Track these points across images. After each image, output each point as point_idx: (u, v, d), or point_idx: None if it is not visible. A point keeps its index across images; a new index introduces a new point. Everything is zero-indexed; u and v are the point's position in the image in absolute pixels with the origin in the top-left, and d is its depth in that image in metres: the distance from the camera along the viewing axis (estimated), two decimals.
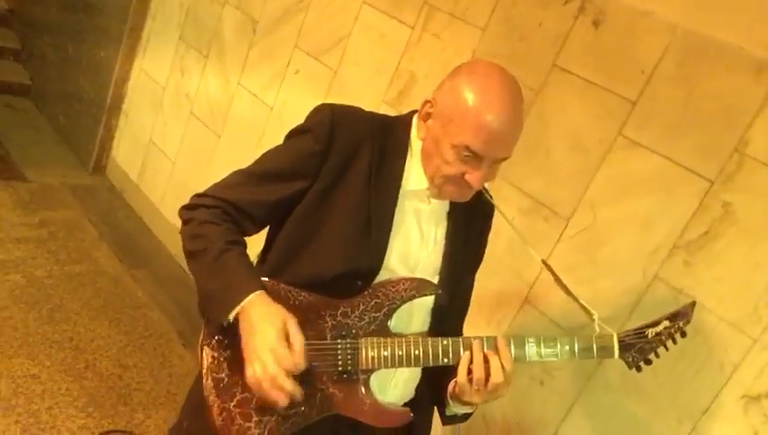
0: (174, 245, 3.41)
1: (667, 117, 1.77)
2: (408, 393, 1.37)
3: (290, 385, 1.14)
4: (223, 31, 3.17)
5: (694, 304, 1.28)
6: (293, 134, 1.31)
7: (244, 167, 1.33)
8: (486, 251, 1.47)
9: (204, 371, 1.25)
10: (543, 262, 1.38)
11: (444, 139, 1.20)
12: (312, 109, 1.31)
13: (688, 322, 1.26)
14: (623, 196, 1.84)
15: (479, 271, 1.46)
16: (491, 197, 1.37)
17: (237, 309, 1.17)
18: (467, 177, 1.21)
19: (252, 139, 2.97)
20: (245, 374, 1.16)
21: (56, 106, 4.19)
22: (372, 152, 1.26)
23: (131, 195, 3.75)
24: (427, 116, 1.25)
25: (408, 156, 1.30)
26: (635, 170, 1.82)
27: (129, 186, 3.76)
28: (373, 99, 2.44)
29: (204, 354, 1.26)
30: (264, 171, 1.29)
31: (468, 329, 1.76)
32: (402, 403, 1.34)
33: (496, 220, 1.43)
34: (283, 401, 1.15)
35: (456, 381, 1.26)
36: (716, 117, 1.68)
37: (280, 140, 1.33)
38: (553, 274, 1.35)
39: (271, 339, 1.13)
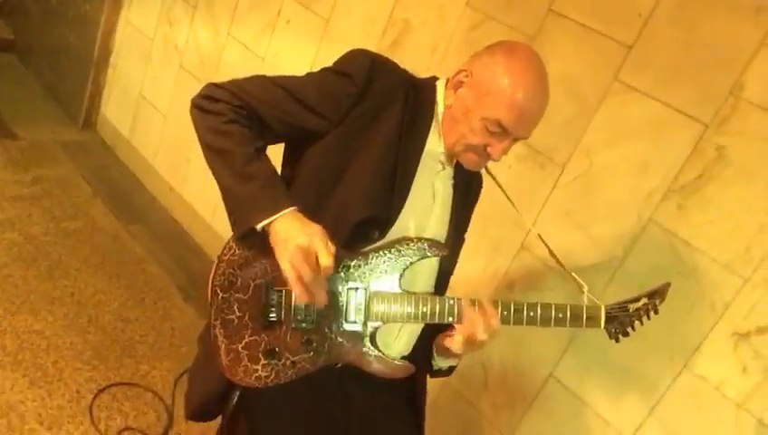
0: (168, 200, 3.42)
1: (664, 61, 1.76)
2: (410, 348, 1.40)
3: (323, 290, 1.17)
4: None
5: (668, 284, 1.36)
6: (330, 71, 1.28)
7: (270, 76, 1.28)
8: (486, 198, 1.50)
9: (213, 311, 1.26)
10: (539, 236, 1.45)
11: (476, 109, 1.25)
12: (346, 52, 1.29)
13: (662, 300, 1.35)
14: (618, 141, 1.85)
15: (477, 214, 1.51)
16: (487, 169, 1.43)
17: (272, 218, 1.15)
18: (490, 149, 1.26)
19: None
20: (273, 328, 1.22)
21: (42, 61, 4.11)
22: (405, 107, 1.28)
23: (123, 151, 3.72)
24: (459, 84, 1.28)
25: (434, 120, 1.33)
26: (630, 115, 1.83)
27: (121, 141, 3.73)
28: (367, 48, 2.41)
29: (213, 294, 1.27)
30: (296, 91, 1.25)
31: (467, 275, 1.81)
32: (401, 357, 1.38)
33: (496, 166, 1.44)
34: (316, 297, 1.16)
35: (445, 336, 1.34)
36: (713, 61, 1.68)
37: None
38: (546, 246, 1.43)
39: (318, 231, 1.14)
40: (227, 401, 1.33)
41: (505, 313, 1.28)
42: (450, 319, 1.28)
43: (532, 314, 1.29)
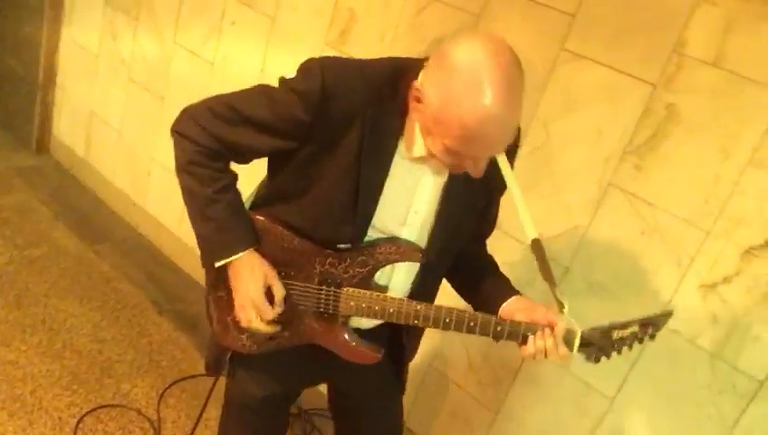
0: (132, 216, 3.36)
1: (607, 26, 1.79)
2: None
3: (271, 329, 1.37)
4: None
5: (670, 313, 1.30)
6: (285, 87, 1.23)
7: (230, 93, 1.28)
8: None
9: (207, 286, 1.45)
10: (535, 241, 1.31)
11: (435, 133, 1.12)
12: (302, 64, 1.23)
13: (658, 330, 1.29)
14: (572, 109, 1.88)
15: None
16: (514, 144, 1.36)
17: (225, 262, 1.31)
18: (467, 169, 1.16)
19: (197, 97, 2.88)
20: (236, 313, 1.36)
21: None
22: (365, 124, 1.19)
23: (81, 171, 3.65)
24: (418, 99, 1.14)
25: (408, 120, 1.21)
26: (581, 83, 1.85)
27: (77, 162, 3.66)
28: (315, 42, 2.40)
29: (207, 272, 1.43)
30: (253, 117, 1.23)
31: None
32: (374, 327, 1.44)
33: None
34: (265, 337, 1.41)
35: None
36: (654, 21, 1.71)
37: None
38: (541, 256, 1.31)
39: (253, 293, 1.31)
40: (222, 359, 1.54)
41: (471, 323, 1.28)
42: (416, 322, 1.32)
43: (499, 328, 1.28)
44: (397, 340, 1.49)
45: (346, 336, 1.38)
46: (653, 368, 1.80)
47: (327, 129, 1.21)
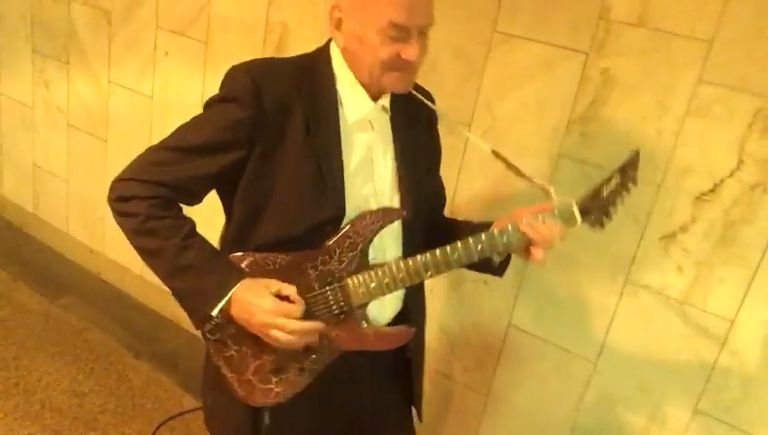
0: (93, 263, 3.30)
1: (533, 3, 1.83)
2: (401, 302, 1.42)
3: (311, 324, 1.24)
4: (77, 31, 3.00)
5: (637, 151, 1.32)
6: (214, 103, 1.25)
7: (160, 141, 1.26)
8: None
9: (212, 354, 1.32)
10: (494, 151, 1.38)
11: (366, 30, 1.19)
12: (224, 76, 1.25)
13: (635, 170, 1.31)
14: (512, 89, 1.92)
15: None
16: (432, 102, 1.39)
17: (222, 304, 1.21)
18: (404, 55, 1.20)
19: (140, 133, 2.87)
20: (271, 346, 1.24)
21: None
22: (303, 102, 1.24)
23: (32, 226, 3.56)
24: (339, 22, 1.23)
25: (339, 88, 1.28)
26: (517, 62, 1.89)
27: (27, 218, 3.57)
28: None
29: (206, 340, 1.31)
30: (192, 145, 1.23)
31: None
32: (396, 314, 1.41)
33: None
34: (315, 338, 1.26)
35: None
36: None
37: (170, 129, 1.28)
38: (505, 160, 1.36)
39: (270, 305, 1.21)
40: (259, 423, 1.37)
41: (478, 245, 1.26)
42: (429, 274, 1.28)
43: (506, 237, 1.26)
44: (401, 356, 1.46)
45: (369, 327, 1.31)
46: (629, 324, 1.85)
47: (269, 118, 1.21)
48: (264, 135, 1.22)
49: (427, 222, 1.45)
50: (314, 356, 1.30)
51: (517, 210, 1.31)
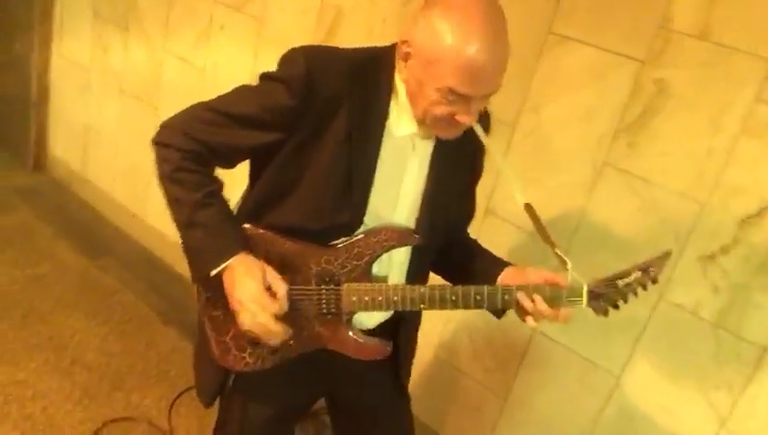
0: (133, 227, 3.38)
1: (592, 5, 1.79)
2: (388, 314, 1.42)
3: (279, 328, 1.25)
4: None
5: (668, 254, 1.29)
6: (268, 78, 1.25)
7: (212, 99, 1.28)
8: None
9: (201, 308, 1.37)
10: (527, 205, 1.33)
11: (427, 81, 1.15)
12: (283, 55, 1.24)
13: (660, 271, 1.28)
14: (562, 92, 1.88)
15: None
16: (486, 129, 1.36)
17: (219, 269, 1.24)
18: (458, 117, 1.17)
19: (189, 104, 2.91)
20: (237, 323, 1.25)
21: None
22: (352, 104, 1.21)
23: (79, 186, 3.66)
24: (407, 56, 1.18)
25: (393, 100, 1.24)
26: (569, 65, 1.86)
27: (75, 177, 3.67)
28: (304, 41, 2.34)
29: (199, 294, 1.36)
30: (237, 114, 1.24)
31: None
32: (380, 323, 1.41)
33: None
34: (275, 341, 1.27)
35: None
36: None
37: None
38: (535, 218, 1.32)
39: (253, 290, 1.22)
40: (225, 383, 1.43)
41: (477, 296, 1.26)
42: (422, 306, 1.29)
43: (507, 297, 1.26)
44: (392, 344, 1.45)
45: (352, 334, 1.33)
46: (657, 342, 1.81)
47: (314, 113, 1.20)
48: (305, 126, 1.22)
49: (447, 239, 1.44)
50: (291, 343, 1.32)
51: (530, 272, 1.30)
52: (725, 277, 1.67)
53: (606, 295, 1.28)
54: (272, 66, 1.27)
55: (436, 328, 2.24)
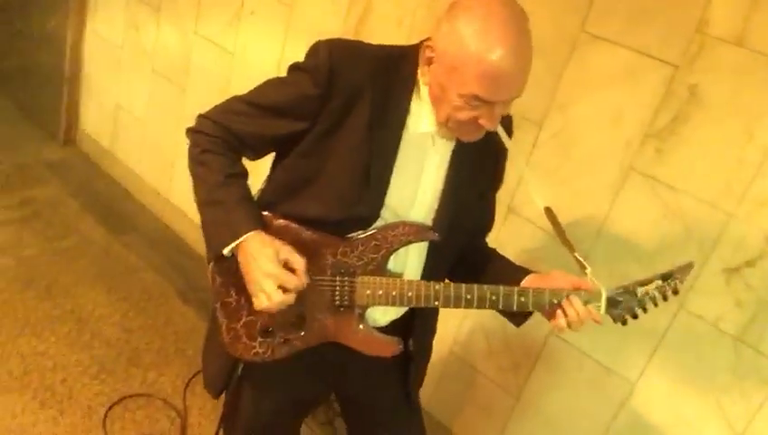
0: (158, 206, 3.42)
1: (627, 6, 1.75)
2: (403, 311, 1.42)
3: (291, 300, 1.24)
4: None
5: (691, 265, 1.27)
6: (294, 69, 1.28)
7: (246, 92, 1.31)
8: None
9: (213, 293, 1.36)
10: (547, 209, 1.33)
11: (450, 86, 1.15)
12: (309, 47, 1.26)
13: (682, 282, 1.26)
14: (591, 93, 1.85)
15: None
16: (509, 133, 1.34)
17: (233, 246, 1.24)
18: (481, 121, 1.17)
19: (218, 88, 2.92)
20: (254, 306, 1.25)
21: (14, 83, 4.08)
22: (374, 97, 1.22)
23: (107, 162, 3.71)
24: (430, 60, 1.19)
25: (415, 97, 1.25)
26: (600, 65, 1.82)
27: (104, 153, 3.72)
28: (333, 30, 2.39)
29: (213, 279, 1.35)
30: (265, 104, 1.27)
31: None
32: (392, 321, 1.41)
33: None
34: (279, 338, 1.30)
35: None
36: (675, 0, 1.67)
37: (247, 87, 1.33)
38: (555, 221, 1.31)
39: (269, 267, 1.21)
40: (233, 373, 1.43)
41: (493, 296, 1.26)
42: (436, 303, 1.29)
43: (523, 299, 1.26)
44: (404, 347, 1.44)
45: (363, 328, 1.33)
46: (675, 352, 1.78)
47: (336, 103, 1.22)
48: (326, 116, 1.23)
49: (465, 245, 1.44)
50: (302, 334, 1.33)
51: (556, 275, 1.30)
52: (749, 291, 1.64)
53: (625, 303, 1.27)
54: (300, 54, 1.28)
55: (452, 324, 2.24)
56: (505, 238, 2.07)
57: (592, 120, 1.85)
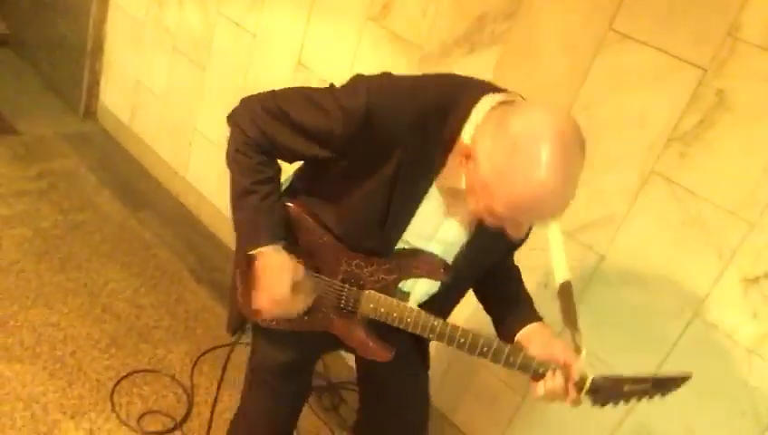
0: (174, 184, 3.43)
1: (657, 6, 1.71)
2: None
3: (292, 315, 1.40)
4: None
5: (688, 376, 1.30)
6: (332, 94, 1.21)
7: (287, 90, 1.30)
8: None
9: (236, 258, 1.48)
10: (565, 284, 1.26)
11: (480, 195, 1.10)
12: (351, 78, 1.22)
13: (670, 392, 1.30)
14: (616, 92, 1.82)
15: None
16: None
17: (254, 252, 1.32)
18: (509, 231, 1.14)
19: (238, 69, 2.91)
20: (254, 300, 1.35)
21: (37, 54, 4.10)
22: (405, 153, 1.17)
23: (126, 138, 3.72)
24: (468, 157, 1.11)
25: (451, 157, 1.17)
26: (627, 65, 1.79)
27: (123, 129, 3.73)
28: (357, 16, 2.37)
29: (238, 245, 1.42)
30: (296, 121, 1.24)
31: None
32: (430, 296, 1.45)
33: None
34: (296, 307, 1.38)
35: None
36: (707, 2, 1.63)
37: (267, 70, 1.34)
38: (568, 298, 1.26)
39: (280, 293, 1.30)
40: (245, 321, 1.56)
41: (485, 348, 1.31)
42: (431, 336, 1.35)
43: (511, 359, 1.30)
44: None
45: (362, 333, 1.41)
46: (687, 361, 1.76)
47: (367, 146, 1.18)
48: (355, 154, 1.21)
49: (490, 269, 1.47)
50: (305, 318, 1.42)
51: (552, 342, 1.33)
52: (767, 303, 1.61)
53: (606, 392, 1.29)
54: (321, 38, 1.27)
55: (461, 317, 2.22)
56: None
57: (616, 121, 1.82)
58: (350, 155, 1.21)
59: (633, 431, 1.88)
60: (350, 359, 1.81)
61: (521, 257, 1.56)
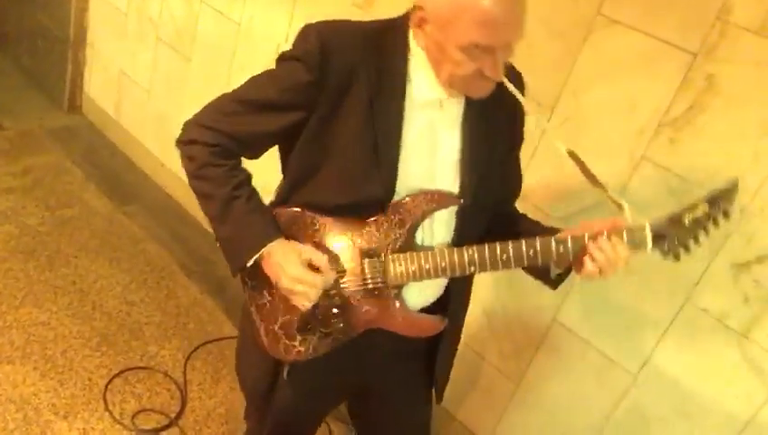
0: (162, 177, 3.39)
1: None
2: (440, 291, 1.39)
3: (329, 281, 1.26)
4: None
5: (736, 182, 1.18)
6: (284, 59, 1.25)
7: (233, 90, 1.28)
8: None
9: (247, 297, 1.36)
10: (569, 152, 1.26)
11: (448, 42, 1.14)
12: (297, 34, 1.23)
13: (730, 204, 1.17)
14: (605, 78, 1.80)
15: None
16: (523, 87, 1.32)
17: (256, 257, 1.24)
18: (487, 72, 1.16)
19: (223, 59, 2.87)
20: (298, 308, 1.26)
21: (19, 47, 4.03)
22: (369, 73, 1.20)
23: (111, 131, 3.68)
24: (422, 22, 1.18)
25: (412, 64, 1.23)
26: (615, 50, 1.77)
27: (108, 121, 3.68)
28: (342, 3, 2.33)
29: (244, 284, 1.36)
30: (259, 100, 1.24)
31: None
32: (437, 299, 1.39)
33: None
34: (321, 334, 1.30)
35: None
36: None
37: (253, 59, 1.30)
38: (581, 164, 1.26)
39: (296, 272, 1.21)
40: (277, 378, 1.40)
41: (530, 251, 1.22)
42: (472, 269, 1.25)
43: (562, 248, 1.21)
44: (433, 345, 1.44)
45: (402, 308, 1.30)
46: (679, 345, 1.76)
47: (332, 86, 1.20)
48: (325, 100, 1.21)
49: (494, 212, 1.40)
50: (341, 326, 1.31)
51: (583, 224, 1.25)
52: (758, 288, 1.61)
53: (673, 235, 1.18)
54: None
55: (470, 317, 2.22)
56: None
57: (605, 106, 1.81)
58: (322, 101, 1.20)
59: (628, 414, 1.89)
60: None
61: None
